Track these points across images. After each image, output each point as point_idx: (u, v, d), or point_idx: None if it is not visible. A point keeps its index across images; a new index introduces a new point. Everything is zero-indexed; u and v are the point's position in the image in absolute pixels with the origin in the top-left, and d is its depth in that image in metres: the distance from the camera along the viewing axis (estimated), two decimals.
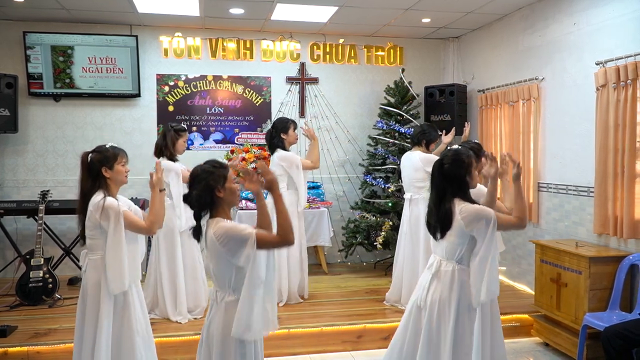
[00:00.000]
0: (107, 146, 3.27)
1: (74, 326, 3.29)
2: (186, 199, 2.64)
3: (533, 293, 4.98)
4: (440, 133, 5.23)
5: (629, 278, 4.19)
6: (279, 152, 5.19)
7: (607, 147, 4.41)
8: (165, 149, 4.78)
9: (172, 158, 4.80)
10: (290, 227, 2.53)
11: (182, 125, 5.10)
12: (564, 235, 5.08)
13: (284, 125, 5.19)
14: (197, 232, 2.64)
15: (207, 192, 2.57)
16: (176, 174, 4.71)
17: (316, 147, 5.25)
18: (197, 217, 2.63)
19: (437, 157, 4.82)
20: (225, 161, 2.69)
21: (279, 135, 5.19)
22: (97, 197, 3.14)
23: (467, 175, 3.00)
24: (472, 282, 2.94)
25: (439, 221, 3.00)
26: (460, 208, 2.93)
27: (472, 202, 2.99)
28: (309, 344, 4.52)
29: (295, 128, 5.25)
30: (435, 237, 3.08)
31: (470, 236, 2.94)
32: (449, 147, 3.19)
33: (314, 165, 5.21)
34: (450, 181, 2.99)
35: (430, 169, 4.79)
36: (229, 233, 2.49)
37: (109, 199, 3.13)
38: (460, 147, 3.26)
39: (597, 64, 4.52)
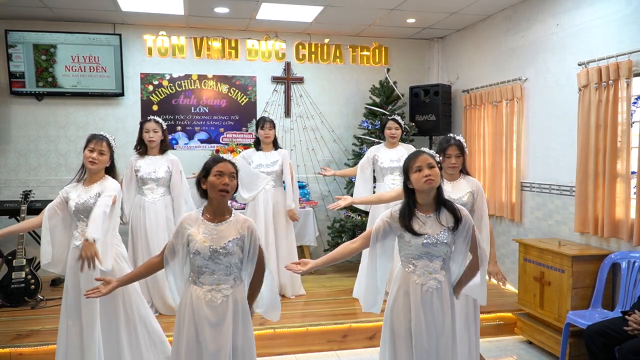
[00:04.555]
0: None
1: (57, 327, 3.31)
2: None
3: (517, 291, 5.02)
4: (388, 117, 5.28)
5: (611, 276, 4.24)
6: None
7: (589, 147, 4.46)
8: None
9: (140, 152, 4.82)
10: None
11: (148, 117, 4.86)
12: (547, 234, 5.12)
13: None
14: None
15: (199, 181, 2.77)
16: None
17: None
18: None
19: (368, 153, 5.16)
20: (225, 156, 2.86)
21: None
22: None
23: (406, 178, 2.77)
24: None
25: None
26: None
27: (405, 207, 2.76)
28: (294, 343, 4.52)
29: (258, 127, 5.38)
30: None
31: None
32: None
33: None
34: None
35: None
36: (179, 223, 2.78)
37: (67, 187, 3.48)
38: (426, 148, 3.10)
39: (579, 65, 4.57)
